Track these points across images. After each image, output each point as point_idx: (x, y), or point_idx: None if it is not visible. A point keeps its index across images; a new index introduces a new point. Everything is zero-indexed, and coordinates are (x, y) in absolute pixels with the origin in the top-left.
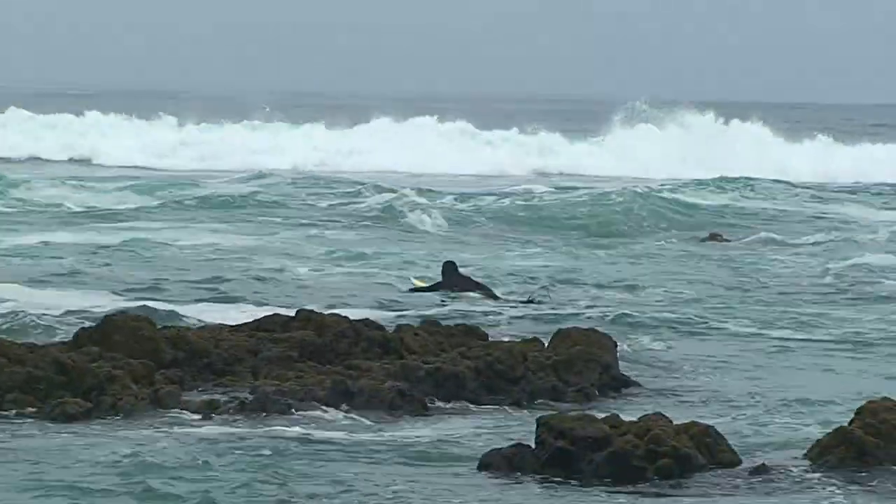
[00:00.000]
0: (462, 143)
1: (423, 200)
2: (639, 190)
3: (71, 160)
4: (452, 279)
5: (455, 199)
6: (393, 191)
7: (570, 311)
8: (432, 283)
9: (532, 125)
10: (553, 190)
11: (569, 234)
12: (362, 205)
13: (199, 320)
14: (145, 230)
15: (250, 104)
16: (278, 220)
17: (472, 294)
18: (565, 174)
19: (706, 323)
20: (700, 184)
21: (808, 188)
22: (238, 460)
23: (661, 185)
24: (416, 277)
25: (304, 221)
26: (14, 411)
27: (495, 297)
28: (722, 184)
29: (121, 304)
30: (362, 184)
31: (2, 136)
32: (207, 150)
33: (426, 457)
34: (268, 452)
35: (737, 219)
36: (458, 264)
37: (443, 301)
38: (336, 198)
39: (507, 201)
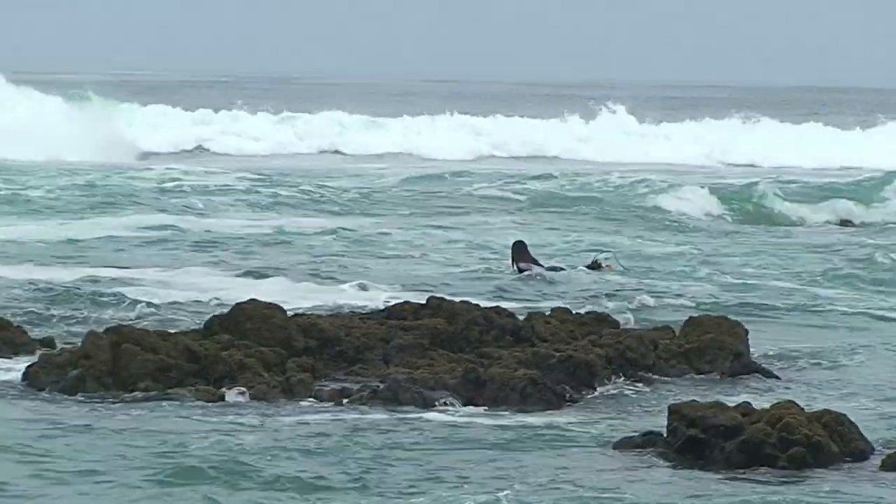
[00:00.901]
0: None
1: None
2: None
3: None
4: (523, 258)
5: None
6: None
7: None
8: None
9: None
10: None
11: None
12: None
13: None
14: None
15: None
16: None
17: (539, 270)
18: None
19: (839, 309)
20: None
21: None
22: (367, 447)
23: None
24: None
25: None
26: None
27: (563, 270)
28: None
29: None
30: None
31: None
32: None
33: (559, 443)
34: (401, 438)
35: None
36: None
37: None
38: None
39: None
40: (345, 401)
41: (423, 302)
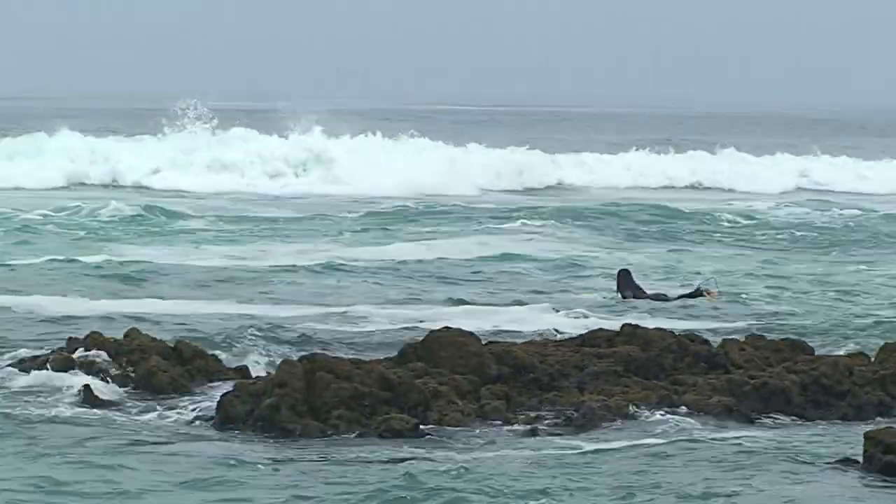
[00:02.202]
0: None
1: None
2: None
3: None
4: (627, 286)
5: None
6: None
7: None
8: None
9: None
10: None
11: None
12: None
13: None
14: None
15: None
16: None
17: (645, 299)
18: None
19: None
20: None
21: None
22: (567, 473)
23: None
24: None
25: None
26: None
27: (667, 299)
28: None
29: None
30: None
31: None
32: None
33: (755, 467)
34: (600, 462)
35: None
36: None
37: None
38: None
39: None
40: (539, 427)
41: (618, 329)
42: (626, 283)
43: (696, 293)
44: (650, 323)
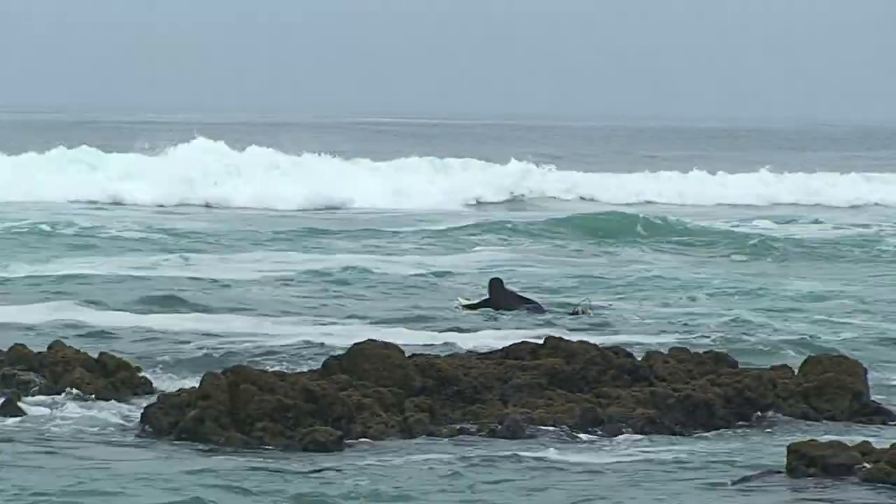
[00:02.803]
0: None
1: None
2: None
3: None
4: (500, 295)
5: None
6: None
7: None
8: (480, 300)
9: None
10: None
11: None
12: None
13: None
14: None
15: None
16: None
17: (519, 309)
18: None
19: None
20: None
21: None
22: (486, 485)
23: None
24: (463, 297)
25: None
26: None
27: (542, 311)
28: None
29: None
30: None
31: None
32: None
33: (677, 480)
34: (520, 475)
35: None
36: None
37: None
38: None
39: None
40: (463, 439)
41: (541, 341)
42: (497, 293)
43: (573, 312)
44: (574, 336)
